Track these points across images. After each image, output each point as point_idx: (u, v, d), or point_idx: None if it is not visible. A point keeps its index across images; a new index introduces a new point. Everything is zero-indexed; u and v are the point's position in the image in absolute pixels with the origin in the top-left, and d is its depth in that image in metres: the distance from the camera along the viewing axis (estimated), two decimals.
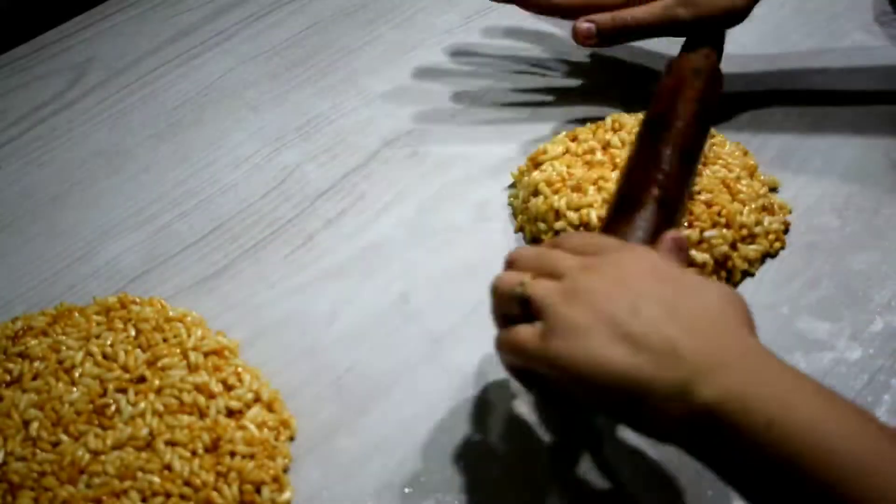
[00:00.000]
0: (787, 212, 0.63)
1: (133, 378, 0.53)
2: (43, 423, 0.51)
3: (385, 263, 0.63)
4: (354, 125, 0.73)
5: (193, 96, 0.77)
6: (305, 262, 0.63)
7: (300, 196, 0.68)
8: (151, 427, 0.51)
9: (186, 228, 0.66)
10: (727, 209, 0.59)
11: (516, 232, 0.64)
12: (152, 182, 0.70)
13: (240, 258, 0.64)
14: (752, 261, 0.60)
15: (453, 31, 0.82)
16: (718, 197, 0.60)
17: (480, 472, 0.51)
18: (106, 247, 0.65)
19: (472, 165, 0.69)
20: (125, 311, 0.57)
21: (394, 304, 0.60)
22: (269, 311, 0.60)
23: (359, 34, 0.83)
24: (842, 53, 0.76)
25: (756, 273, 0.60)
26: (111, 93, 0.78)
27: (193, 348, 0.55)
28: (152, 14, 0.87)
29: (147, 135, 0.74)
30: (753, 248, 0.60)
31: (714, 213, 0.59)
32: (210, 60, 0.81)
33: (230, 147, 0.72)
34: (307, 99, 0.76)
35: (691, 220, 0.59)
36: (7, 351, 0.55)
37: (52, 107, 0.77)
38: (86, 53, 0.82)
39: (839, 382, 0.54)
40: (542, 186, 0.62)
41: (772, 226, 0.61)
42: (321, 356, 0.57)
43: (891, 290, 0.59)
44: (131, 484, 0.49)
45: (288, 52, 0.81)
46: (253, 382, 0.54)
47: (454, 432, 0.53)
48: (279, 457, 0.51)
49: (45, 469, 0.49)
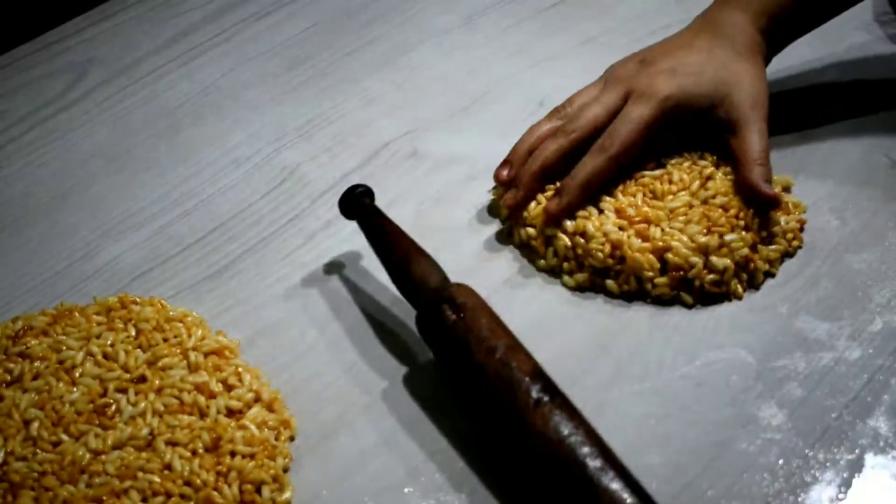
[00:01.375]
0: (803, 210, 0.63)
1: (133, 378, 0.54)
2: (43, 423, 0.51)
3: None
4: (354, 125, 0.74)
5: (194, 96, 0.77)
6: (305, 261, 0.63)
7: (300, 196, 0.68)
8: (152, 427, 0.51)
9: (186, 228, 0.66)
10: (745, 212, 0.60)
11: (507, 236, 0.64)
12: (152, 182, 0.70)
13: (240, 258, 0.64)
14: (772, 261, 0.60)
15: (453, 31, 0.82)
16: (734, 200, 0.60)
17: (480, 472, 0.51)
18: (106, 247, 0.65)
19: (472, 165, 0.69)
20: (125, 311, 0.57)
21: (394, 303, 0.60)
22: (269, 311, 0.60)
23: (359, 34, 0.83)
24: (842, 53, 0.76)
25: (777, 273, 0.60)
26: (112, 93, 0.78)
27: (193, 348, 0.55)
28: (152, 14, 0.87)
29: (147, 135, 0.74)
30: (773, 248, 0.60)
31: (732, 217, 0.59)
32: (210, 60, 0.81)
33: (230, 147, 0.72)
34: (307, 99, 0.76)
35: (709, 226, 0.59)
36: (7, 351, 0.55)
37: (53, 107, 0.77)
38: (86, 54, 0.82)
39: (839, 382, 0.54)
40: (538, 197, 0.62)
41: (789, 224, 0.61)
42: (321, 356, 0.58)
43: (891, 289, 0.59)
44: (132, 483, 0.49)
45: (288, 53, 0.81)
46: (253, 382, 0.54)
47: (454, 432, 0.53)
48: (279, 457, 0.51)
49: (46, 469, 0.49)
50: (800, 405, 0.53)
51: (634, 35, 0.79)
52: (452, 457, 0.52)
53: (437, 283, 0.54)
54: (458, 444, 0.52)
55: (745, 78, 0.62)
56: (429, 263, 0.55)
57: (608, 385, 0.55)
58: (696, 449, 0.51)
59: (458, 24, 0.83)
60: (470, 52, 0.79)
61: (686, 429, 0.52)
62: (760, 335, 0.57)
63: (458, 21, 0.83)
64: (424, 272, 0.54)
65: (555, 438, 0.46)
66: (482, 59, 0.78)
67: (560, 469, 0.46)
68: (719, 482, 0.50)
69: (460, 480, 0.51)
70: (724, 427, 0.52)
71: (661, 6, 0.82)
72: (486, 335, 0.51)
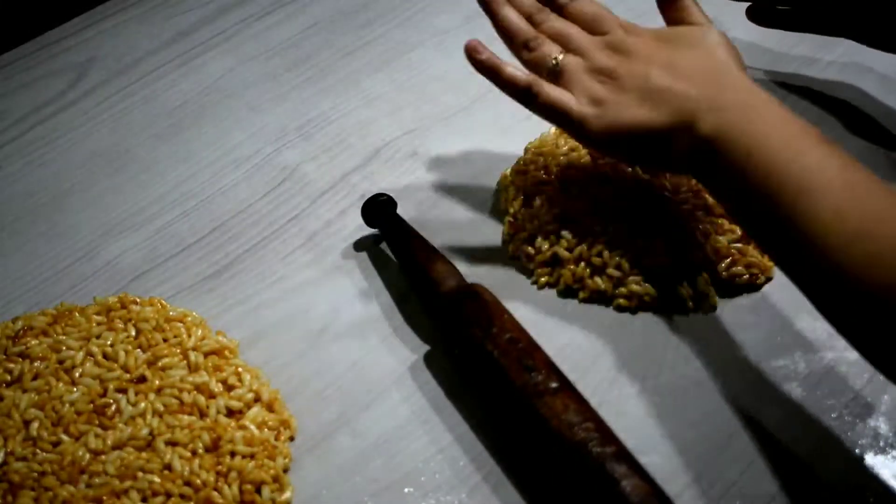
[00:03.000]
0: None
1: (133, 378, 0.54)
2: (43, 423, 0.51)
3: (385, 263, 0.63)
4: (354, 125, 0.74)
5: (193, 96, 0.77)
6: (305, 261, 0.63)
7: (300, 196, 0.68)
8: (152, 427, 0.51)
9: (186, 228, 0.66)
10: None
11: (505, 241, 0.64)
12: (152, 182, 0.70)
13: (240, 258, 0.64)
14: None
15: (453, 31, 0.82)
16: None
17: (481, 472, 0.51)
18: (106, 247, 0.65)
19: (472, 165, 0.69)
20: (125, 311, 0.57)
21: (394, 303, 0.60)
22: (269, 311, 0.60)
23: (359, 34, 0.83)
24: (842, 53, 0.76)
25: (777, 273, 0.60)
26: (112, 93, 0.78)
27: (193, 348, 0.55)
28: (153, 14, 0.87)
29: (147, 135, 0.74)
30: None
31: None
32: (210, 60, 0.81)
33: (230, 147, 0.72)
34: (307, 99, 0.76)
35: (719, 229, 0.59)
36: (7, 351, 0.55)
37: (53, 107, 0.77)
38: (87, 53, 0.82)
39: (839, 382, 0.54)
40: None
41: None
42: (321, 356, 0.58)
43: None
44: (131, 484, 0.49)
45: (288, 52, 0.81)
46: (253, 382, 0.54)
47: (454, 432, 0.53)
48: (279, 457, 0.51)
49: (46, 469, 0.49)
50: (800, 405, 0.53)
51: None
52: (452, 457, 0.52)
53: (459, 281, 0.57)
54: (458, 444, 0.52)
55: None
56: (449, 265, 0.58)
57: (608, 385, 0.55)
58: (696, 449, 0.51)
59: (458, 24, 0.83)
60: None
61: (686, 429, 0.52)
62: (760, 335, 0.56)
63: (458, 21, 0.83)
64: (447, 271, 0.57)
65: (573, 424, 0.48)
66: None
67: (575, 452, 0.47)
68: (719, 482, 0.50)
69: (460, 480, 0.51)
70: (724, 427, 0.52)
71: None
72: (508, 327, 0.53)
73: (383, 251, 0.63)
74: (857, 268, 0.44)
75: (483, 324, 0.53)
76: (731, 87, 0.52)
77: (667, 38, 0.57)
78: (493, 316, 0.53)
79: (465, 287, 0.56)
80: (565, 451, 0.47)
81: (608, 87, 0.55)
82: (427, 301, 0.58)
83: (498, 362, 0.51)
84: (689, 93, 0.52)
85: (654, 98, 0.53)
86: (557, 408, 0.48)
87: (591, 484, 0.46)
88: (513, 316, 0.54)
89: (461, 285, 0.56)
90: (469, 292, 0.55)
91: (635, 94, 0.54)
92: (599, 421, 0.48)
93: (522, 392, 0.50)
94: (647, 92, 0.54)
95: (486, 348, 0.52)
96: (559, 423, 0.48)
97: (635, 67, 0.55)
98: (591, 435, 0.47)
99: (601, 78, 0.56)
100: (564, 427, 0.48)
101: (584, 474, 0.47)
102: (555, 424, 0.48)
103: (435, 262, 0.58)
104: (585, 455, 0.47)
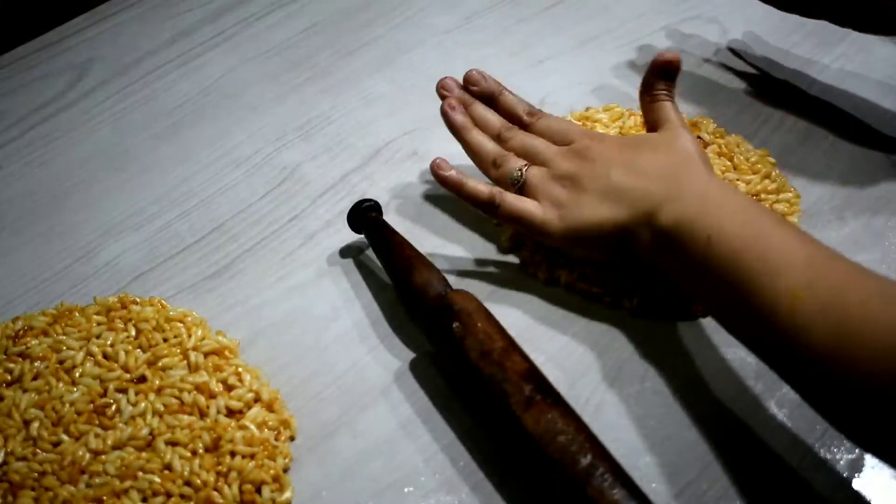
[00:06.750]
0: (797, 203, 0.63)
1: (133, 378, 0.54)
2: (43, 423, 0.51)
3: None
4: (354, 125, 0.74)
5: (193, 96, 0.77)
6: (305, 261, 0.63)
7: (300, 196, 0.68)
8: (152, 427, 0.51)
9: (186, 228, 0.66)
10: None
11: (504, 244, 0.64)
12: (152, 182, 0.70)
13: (240, 258, 0.64)
14: None
15: (453, 31, 0.82)
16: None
17: (480, 472, 0.51)
18: (106, 247, 0.65)
19: (471, 165, 0.69)
20: (125, 311, 0.57)
21: (394, 303, 0.60)
22: (269, 311, 0.60)
23: (359, 34, 0.83)
24: (841, 53, 0.76)
25: None
26: (112, 93, 0.78)
27: (193, 348, 0.55)
28: (152, 14, 0.87)
29: (147, 135, 0.74)
30: None
31: None
32: (210, 60, 0.81)
33: (230, 147, 0.72)
34: (307, 99, 0.76)
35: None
36: (7, 351, 0.55)
37: (53, 107, 0.77)
38: (86, 53, 0.82)
39: None
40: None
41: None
42: (321, 356, 0.58)
43: None
44: (132, 484, 0.49)
45: (288, 52, 0.81)
46: (253, 382, 0.54)
47: (455, 432, 0.53)
48: (279, 457, 0.51)
49: (46, 469, 0.50)
50: (800, 405, 0.53)
51: (634, 35, 0.79)
52: (452, 457, 0.52)
53: (437, 292, 0.55)
54: (458, 444, 0.52)
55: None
56: (430, 272, 0.56)
57: (608, 385, 0.55)
58: (696, 449, 0.51)
59: (458, 24, 0.83)
60: (470, 52, 0.79)
61: (686, 429, 0.52)
62: None
63: (458, 21, 0.83)
64: (425, 281, 0.56)
65: (546, 438, 0.47)
66: (482, 59, 0.78)
67: (552, 467, 0.47)
68: (719, 482, 0.50)
69: (460, 480, 0.51)
70: (724, 427, 0.52)
71: (662, 6, 0.82)
72: (482, 339, 0.52)
73: None
74: (826, 342, 0.44)
75: (456, 338, 0.52)
76: (688, 179, 0.53)
77: (632, 143, 0.59)
78: (466, 329, 0.52)
79: (441, 300, 0.54)
80: (541, 467, 0.47)
81: (569, 190, 0.57)
82: (409, 312, 0.58)
83: (473, 377, 0.51)
84: (648, 188, 0.54)
85: (613, 196, 0.55)
86: (528, 424, 0.48)
87: (569, 500, 0.46)
88: (495, 322, 0.53)
89: (437, 297, 0.55)
90: (443, 306, 0.54)
91: (596, 193, 0.56)
92: (576, 430, 0.48)
93: (494, 408, 0.50)
94: (608, 191, 0.55)
95: (461, 363, 0.52)
96: (529, 438, 0.48)
97: (597, 169, 0.57)
98: (565, 448, 0.47)
99: (564, 182, 0.58)
100: (538, 441, 0.47)
101: (561, 490, 0.46)
102: (526, 439, 0.48)
103: (414, 272, 0.56)
104: (561, 472, 0.46)
